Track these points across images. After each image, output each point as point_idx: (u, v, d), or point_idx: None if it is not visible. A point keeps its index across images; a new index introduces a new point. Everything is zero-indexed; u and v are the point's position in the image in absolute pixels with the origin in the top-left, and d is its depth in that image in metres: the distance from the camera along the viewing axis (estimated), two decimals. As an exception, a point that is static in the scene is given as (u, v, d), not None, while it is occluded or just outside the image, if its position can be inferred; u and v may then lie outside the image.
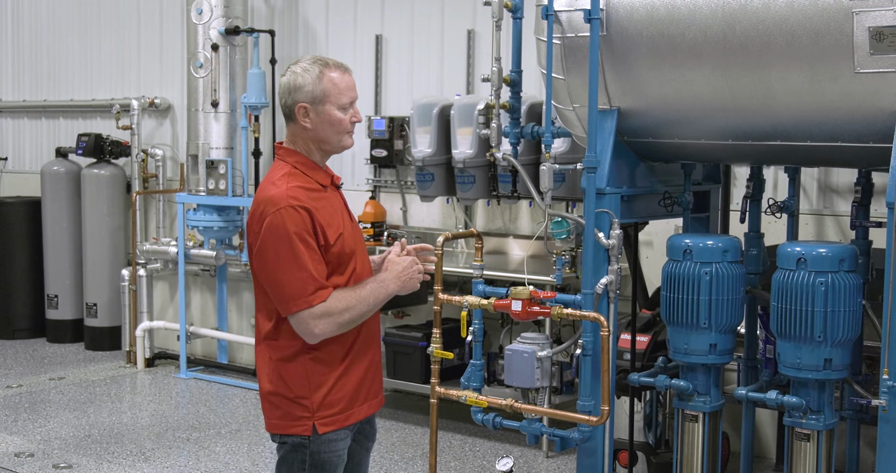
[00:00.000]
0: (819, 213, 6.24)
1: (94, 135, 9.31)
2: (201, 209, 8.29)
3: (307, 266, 3.33)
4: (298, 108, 3.45)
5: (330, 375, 3.48)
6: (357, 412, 3.58)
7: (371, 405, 3.65)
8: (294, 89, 3.45)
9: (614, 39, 4.63)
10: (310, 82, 3.44)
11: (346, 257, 3.46)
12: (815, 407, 4.61)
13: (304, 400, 3.47)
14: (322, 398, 3.47)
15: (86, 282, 9.46)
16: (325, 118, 3.46)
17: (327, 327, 3.37)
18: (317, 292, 3.34)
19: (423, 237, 7.72)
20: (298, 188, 3.40)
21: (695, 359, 4.84)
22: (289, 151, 3.53)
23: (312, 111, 3.45)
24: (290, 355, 3.46)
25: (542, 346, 4.88)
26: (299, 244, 3.32)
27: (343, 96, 3.47)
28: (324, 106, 3.45)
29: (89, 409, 7.58)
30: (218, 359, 8.83)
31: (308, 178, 3.47)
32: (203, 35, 8.18)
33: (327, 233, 3.39)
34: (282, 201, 3.35)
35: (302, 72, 3.45)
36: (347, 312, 3.38)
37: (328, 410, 3.49)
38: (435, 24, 7.72)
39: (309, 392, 3.46)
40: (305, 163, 3.50)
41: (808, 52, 4.23)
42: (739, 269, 4.83)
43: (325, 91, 3.44)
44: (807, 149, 4.51)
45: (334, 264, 3.43)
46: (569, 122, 4.93)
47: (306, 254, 3.33)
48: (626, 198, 4.82)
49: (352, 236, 3.53)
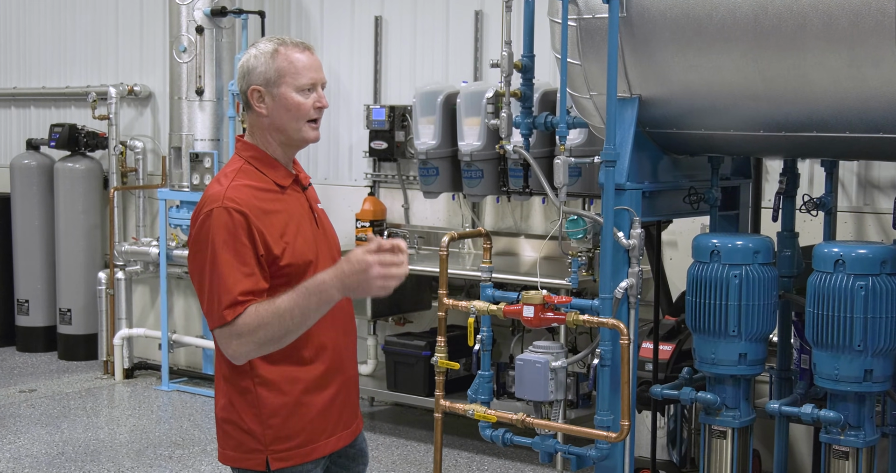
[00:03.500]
0: (859, 210, 6.23)
1: (68, 125, 9.33)
2: (185, 206, 8.30)
3: (225, 277, 3.16)
4: (252, 91, 3.33)
5: (284, 402, 3.31)
6: (323, 446, 3.40)
7: (342, 437, 3.46)
8: (248, 72, 3.34)
9: (635, 21, 4.63)
10: (263, 63, 3.32)
11: (300, 268, 3.28)
12: (855, 423, 4.61)
13: (255, 433, 3.31)
14: (276, 430, 3.31)
15: (59, 286, 9.47)
16: (280, 103, 3.32)
17: (241, 347, 3.17)
18: (232, 307, 3.15)
19: (426, 237, 7.73)
20: (244, 187, 3.27)
21: (723, 370, 4.83)
22: (245, 144, 3.41)
23: (267, 95, 3.32)
24: (237, 376, 3.31)
25: (556, 356, 4.88)
26: (223, 252, 3.17)
27: (301, 76, 3.32)
28: (279, 88, 3.31)
29: (63, 424, 7.59)
30: (203, 370, 8.83)
31: (261, 175, 3.34)
32: (187, 16, 8.19)
33: (269, 241, 3.22)
34: (216, 201, 3.22)
35: (256, 52, 3.35)
36: (262, 329, 3.14)
37: (284, 443, 3.32)
38: (439, 5, 7.73)
39: (258, 423, 3.31)
40: (261, 158, 3.37)
41: (846, 33, 4.22)
42: (772, 272, 4.83)
43: (280, 70, 3.30)
44: (845, 140, 4.50)
45: (286, 277, 3.26)
46: (585, 111, 4.93)
47: (230, 263, 3.16)
48: (647, 194, 4.82)
49: (311, 244, 3.35)
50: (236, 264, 3.18)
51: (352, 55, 8.15)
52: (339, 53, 8.21)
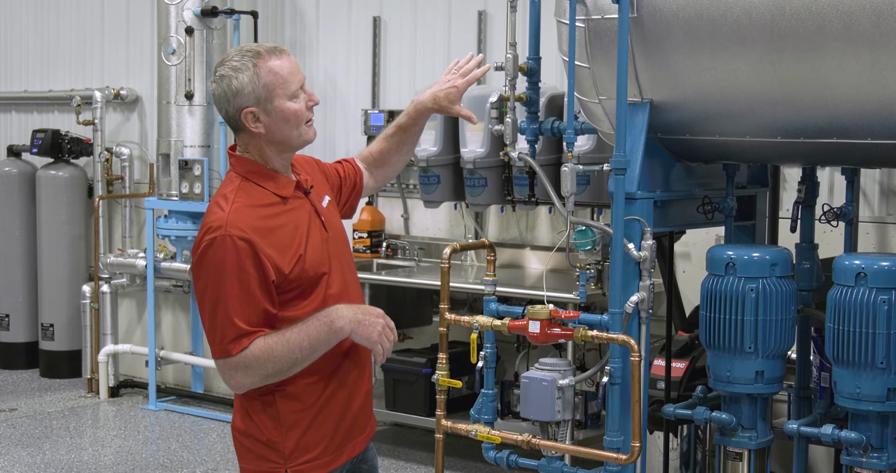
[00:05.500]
0: (881, 220, 6.24)
1: (50, 131, 9.35)
2: (173, 216, 8.31)
3: (230, 309, 3.26)
4: (245, 114, 3.36)
5: (304, 413, 3.43)
6: (340, 455, 3.52)
7: (357, 443, 3.59)
8: (233, 95, 3.35)
9: (646, 22, 4.64)
10: (248, 82, 3.34)
11: (311, 280, 3.38)
12: (877, 444, 4.60)
13: (274, 444, 3.42)
14: (296, 442, 3.42)
15: (41, 300, 9.49)
16: (278, 117, 3.37)
17: (245, 379, 3.30)
18: (237, 341, 3.26)
19: (427, 249, 7.74)
20: (246, 209, 3.32)
21: (739, 389, 4.83)
22: (241, 160, 3.45)
23: (262, 113, 3.36)
24: (260, 390, 3.39)
25: (563, 373, 4.87)
26: (227, 282, 3.26)
27: (290, 84, 3.37)
28: (272, 103, 3.35)
29: (45, 445, 7.59)
30: (192, 388, 8.84)
31: (261, 190, 3.40)
32: (176, 17, 8.22)
33: (279, 263, 3.30)
34: (220, 228, 3.27)
35: (233, 72, 3.34)
36: (271, 363, 3.28)
37: (303, 455, 3.43)
38: (441, 5, 7.75)
39: (279, 435, 3.41)
40: (259, 171, 3.42)
41: (868, 35, 4.23)
42: (790, 285, 4.83)
43: (269, 85, 3.34)
44: (867, 147, 4.51)
45: (296, 290, 3.36)
46: (594, 116, 4.94)
47: (235, 294, 3.25)
48: (659, 203, 4.82)
49: (323, 254, 3.44)
50: (241, 295, 3.27)
51: (349, 58, 8.17)
52: (336, 56, 8.23)
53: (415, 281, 7.15)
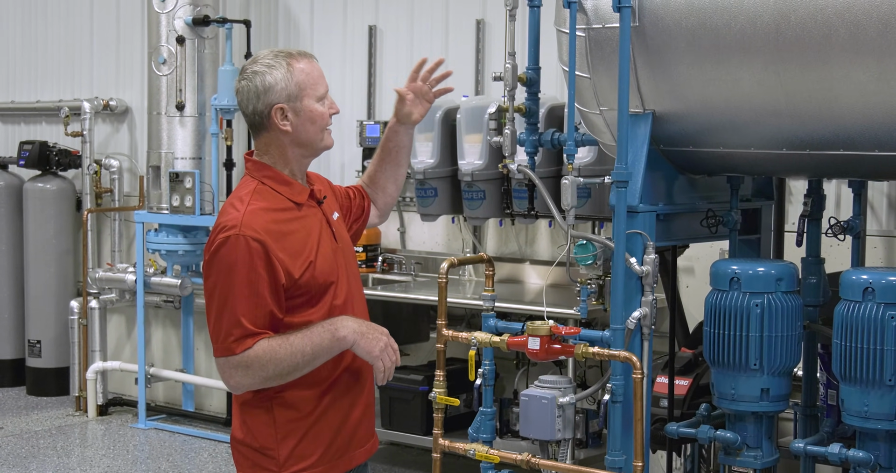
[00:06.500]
0: (889, 234, 6.24)
1: (38, 143, 9.34)
2: (164, 230, 8.31)
3: (237, 308, 3.35)
4: (275, 110, 3.48)
5: (301, 423, 3.50)
6: (338, 465, 3.58)
7: (355, 456, 3.64)
8: (264, 91, 3.48)
9: (648, 31, 4.65)
10: (281, 79, 3.48)
11: (320, 288, 3.48)
12: (886, 464, 4.60)
13: (269, 451, 3.49)
14: (291, 450, 3.49)
15: (28, 315, 9.48)
16: (306, 116, 3.51)
17: (244, 379, 3.39)
18: (241, 340, 3.35)
19: (424, 263, 7.74)
20: (261, 212, 3.43)
21: (743, 407, 4.83)
22: (258, 164, 3.56)
23: (291, 111, 3.49)
24: (258, 399, 3.48)
25: (563, 391, 4.87)
26: (237, 282, 3.35)
27: (319, 86, 3.53)
28: (302, 102, 3.50)
29: (31, 465, 7.58)
30: (183, 406, 8.83)
31: (277, 196, 3.50)
32: (167, 26, 8.23)
33: (290, 267, 3.40)
34: (234, 227, 3.38)
35: (267, 69, 3.49)
36: (273, 365, 3.36)
37: (299, 463, 3.50)
38: (438, 14, 7.76)
39: (275, 442, 3.48)
40: (275, 177, 3.53)
41: (875, 45, 4.24)
42: (796, 300, 4.83)
43: (300, 84, 3.49)
44: (874, 159, 4.52)
45: (304, 296, 3.46)
46: (595, 127, 4.95)
47: (244, 294, 3.35)
48: (662, 217, 4.83)
49: (332, 262, 3.53)
50: (250, 295, 3.36)
51: (344, 67, 8.18)
52: (331, 65, 8.23)
53: (411, 296, 7.15)
